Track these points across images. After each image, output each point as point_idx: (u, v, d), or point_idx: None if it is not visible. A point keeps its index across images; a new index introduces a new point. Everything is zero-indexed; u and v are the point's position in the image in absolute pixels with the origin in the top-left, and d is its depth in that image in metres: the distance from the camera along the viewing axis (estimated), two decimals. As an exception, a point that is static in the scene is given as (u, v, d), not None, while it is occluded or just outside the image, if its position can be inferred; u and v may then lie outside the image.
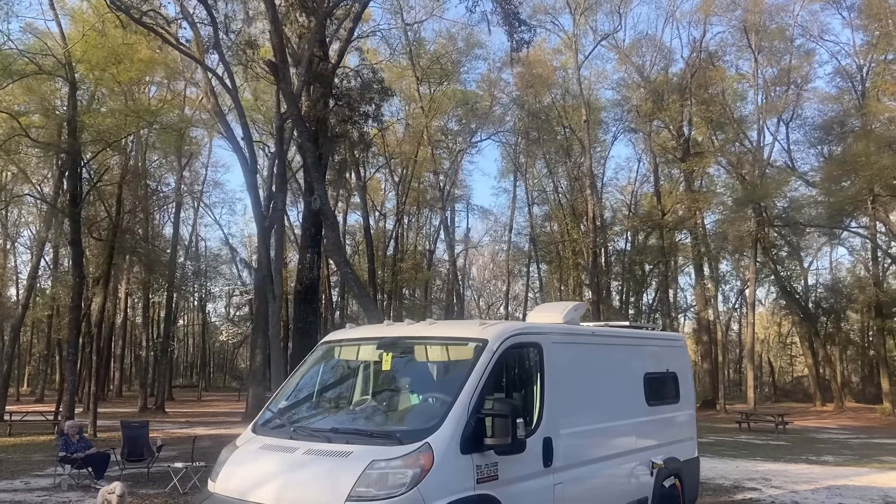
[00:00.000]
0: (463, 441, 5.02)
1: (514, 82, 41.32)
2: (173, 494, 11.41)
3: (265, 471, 5.28)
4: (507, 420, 5.02)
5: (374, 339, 6.27)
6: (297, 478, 5.03)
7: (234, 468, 5.53)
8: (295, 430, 5.62)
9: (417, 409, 5.59)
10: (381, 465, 4.80)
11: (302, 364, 6.65)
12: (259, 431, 5.91)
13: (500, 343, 5.55)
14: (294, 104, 13.51)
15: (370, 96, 17.44)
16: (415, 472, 4.75)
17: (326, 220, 12.55)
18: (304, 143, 13.10)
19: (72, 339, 20.20)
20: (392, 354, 5.97)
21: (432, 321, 6.18)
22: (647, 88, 37.96)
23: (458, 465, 4.98)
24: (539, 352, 5.92)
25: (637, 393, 7.22)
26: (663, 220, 39.65)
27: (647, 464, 7.06)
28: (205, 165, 44.11)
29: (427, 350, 5.95)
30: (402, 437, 5.03)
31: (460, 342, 5.76)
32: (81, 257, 20.87)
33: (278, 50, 13.43)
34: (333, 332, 6.96)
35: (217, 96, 29.85)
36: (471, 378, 5.26)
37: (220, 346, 68.16)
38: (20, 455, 17.21)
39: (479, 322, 5.93)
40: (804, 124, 38.75)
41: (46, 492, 11.73)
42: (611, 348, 7.09)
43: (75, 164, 20.62)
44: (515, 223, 53.97)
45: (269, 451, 5.45)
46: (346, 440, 5.17)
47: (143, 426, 13.83)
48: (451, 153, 44.43)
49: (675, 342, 8.45)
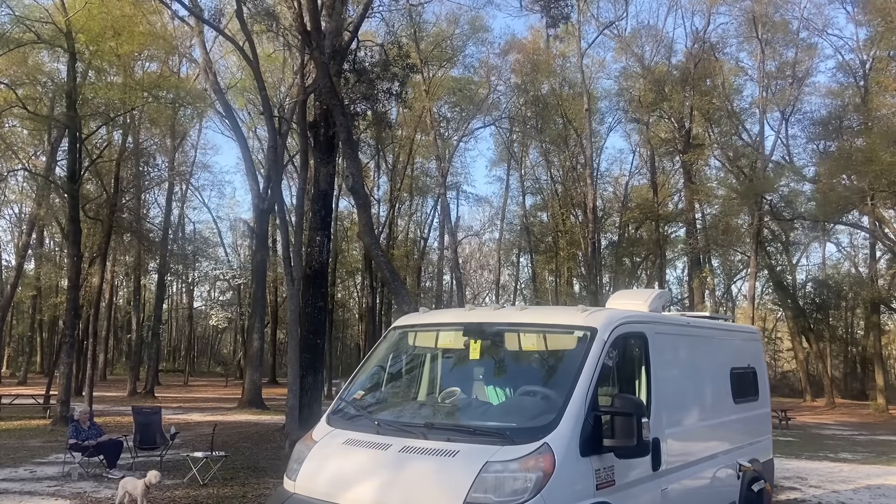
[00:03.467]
0: (582, 442, 4.51)
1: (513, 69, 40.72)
2: (193, 485, 10.82)
3: (356, 469, 4.74)
4: (631, 419, 4.51)
5: (456, 324, 5.72)
6: (398, 479, 4.50)
7: (318, 465, 4.99)
8: (380, 424, 5.07)
9: (522, 403, 5.06)
10: (498, 468, 4.28)
11: (373, 351, 6.09)
12: (336, 424, 5.36)
13: (611, 332, 5.03)
14: (327, 75, 12.80)
15: (393, 72, 16.71)
16: (537, 477, 4.24)
17: (359, 199, 11.93)
18: (337, 118, 12.43)
19: (69, 321, 19.41)
20: (481, 342, 5.43)
21: (522, 306, 5.64)
22: (648, 78, 37.55)
23: (579, 468, 4.47)
24: (644, 343, 5.43)
25: (725, 389, 6.77)
26: (663, 212, 39.38)
27: (734, 466, 6.61)
28: (194, 146, 43.25)
29: (520, 338, 5.42)
30: (512, 435, 4.51)
31: (563, 330, 5.23)
32: (80, 235, 20.07)
33: (312, 16, 12.67)
34: (404, 317, 6.38)
35: (216, 74, 29.07)
36: (584, 370, 4.74)
37: (202, 332, 67.16)
38: (16, 440, 16.52)
39: (579, 308, 5.38)
40: (803, 119, 38.68)
41: (56, 481, 11.10)
42: (703, 341, 6.63)
43: (74, 139, 19.76)
44: (508, 212, 53.72)
45: (357, 446, 4.90)
46: (446, 437, 4.65)
47: (155, 412, 13.20)
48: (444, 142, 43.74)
49: (753, 335, 8.01)
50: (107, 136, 22.76)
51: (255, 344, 27.93)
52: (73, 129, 19.72)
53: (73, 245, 19.44)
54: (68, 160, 20.28)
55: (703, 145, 38.20)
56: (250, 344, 29.17)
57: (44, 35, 19.45)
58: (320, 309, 18.73)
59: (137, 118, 26.88)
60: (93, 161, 21.59)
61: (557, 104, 40.37)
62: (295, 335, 13.37)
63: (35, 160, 33.95)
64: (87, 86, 19.37)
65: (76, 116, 19.40)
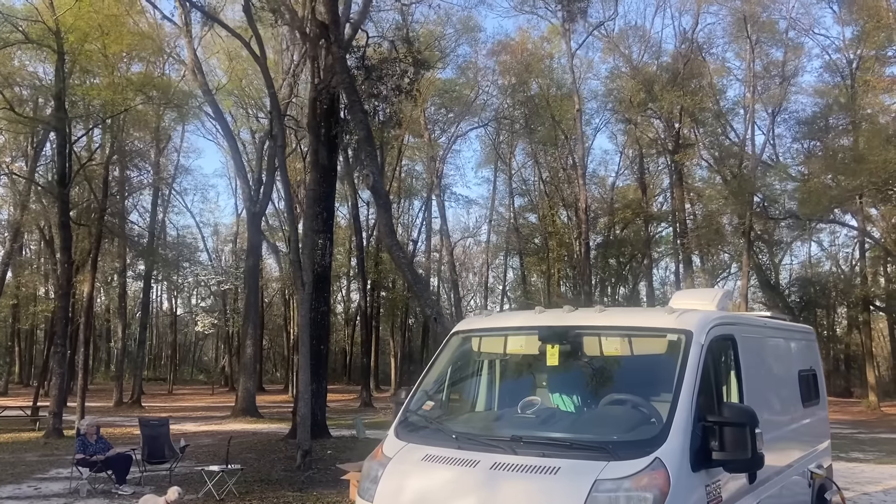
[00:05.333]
0: (693, 456, 4.15)
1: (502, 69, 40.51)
2: (209, 500, 10.34)
3: (443, 489, 4.34)
4: (744, 430, 4.15)
5: (529, 328, 5.33)
6: (494, 499, 4.12)
7: (397, 484, 4.58)
8: (459, 438, 4.68)
9: (615, 414, 4.67)
10: (610, 487, 3.90)
11: (435, 358, 5.67)
12: (408, 438, 4.94)
13: (706, 335, 4.69)
14: (346, 70, 12.36)
15: (403, 69, 16.28)
16: (654, 496, 3.87)
17: (380, 199, 11.50)
18: (355, 114, 11.99)
19: (61, 330, 18.74)
20: (559, 347, 5.05)
21: (601, 308, 5.29)
22: (638, 78, 37.52)
23: (691, 485, 4.11)
24: (734, 346, 5.09)
25: (796, 393, 6.47)
26: (653, 212, 39.36)
27: (804, 474, 6.31)
28: (177, 150, 42.49)
29: (601, 342, 5.05)
30: (615, 449, 4.14)
31: (652, 333, 4.88)
32: (70, 241, 19.38)
33: (329, 8, 12.21)
34: (464, 321, 5.98)
35: (204, 74, 28.47)
36: (686, 377, 4.38)
37: (183, 339, 66.08)
38: (10, 455, 15.86)
39: (665, 309, 5.03)
40: (789, 119, 38.89)
41: (63, 498, 10.57)
42: (779, 342, 6.33)
43: (63, 142, 19.10)
44: (495, 214, 53.49)
45: (439, 463, 4.50)
46: (539, 452, 4.26)
47: (163, 424, 12.67)
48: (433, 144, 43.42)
49: (810, 335, 7.73)
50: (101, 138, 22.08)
51: (248, 351, 27.32)
52: (63, 131, 19.06)
53: (63, 251, 18.77)
54: (57, 163, 19.59)
55: (692, 145, 38.24)
56: (243, 351, 28.56)
57: (32, 35, 18.78)
58: (324, 314, 18.34)
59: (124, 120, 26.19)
60: (83, 165, 20.90)
61: (546, 105, 40.20)
62: (307, 341, 12.92)
63: (13, 165, 33.13)
64: (78, 87, 18.73)
65: (66, 118, 18.76)
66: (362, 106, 13.04)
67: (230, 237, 60.83)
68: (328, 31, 12.71)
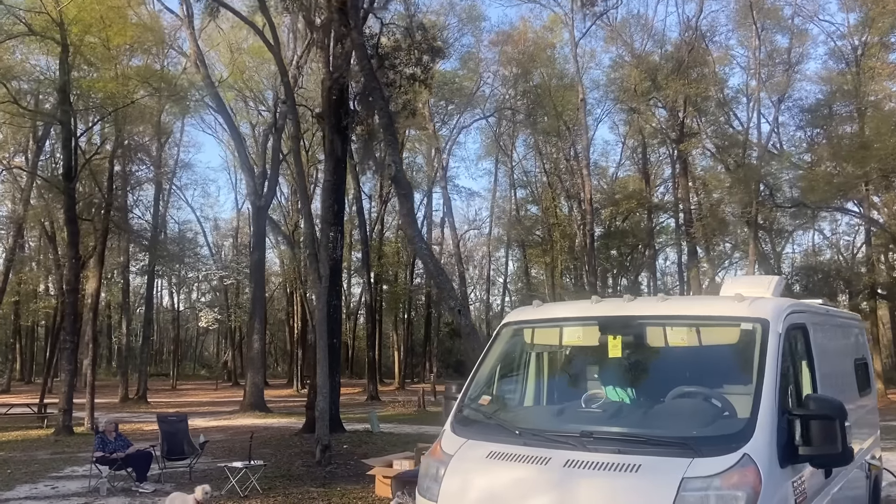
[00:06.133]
0: (780, 451, 3.95)
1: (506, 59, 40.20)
2: (233, 497, 10.15)
3: (514, 488, 4.13)
4: (833, 423, 3.95)
5: (588, 319, 5.11)
6: (572, 500, 3.92)
7: (462, 483, 4.37)
8: (523, 434, 4.47)
9: (691, 408, 4.44)
10: (699, 486, 3.68)
11: (487, 351, 5.44)
12: (467, 434, 4.72)
13: (782, 323, 4.47)
14: (366, 56, 12.07)
15: (418, 56, 15.96)
16: (746, 495, 3.65)
17: (401, 189, 11.24)
18: (376, 102, 11.71)
19: (70, 325, 18.48)
20: (622, 338, 4.84)
21: (663, 297, 5.07)
22: (641, 67, 37.24)
23: (780, 482, 3.90)
24: (805, 335, 4.88)
25: (853, 382, 6.29)
26: (660, 202, 39.18)
27: (862, 465, 6.12)
28: (177, 144, 42.15)
29: (666, 332, 4.84)
30: (697, 445, 3.92)
31: (724, 322, 4.65)
32: (77, 236, 19.11)
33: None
34: (514, 312, 5.73)
35: (207, 66, 28.17)
36: (767, 368, 4.17)
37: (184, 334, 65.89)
38: (21, 453, 15.64)
39: (734, 297, 4.77)
40: (793, 106, 38.66)
41: (83, 498, 10.37)
42: (839, 331, 6.15)
43: (69, 136, 18.81)
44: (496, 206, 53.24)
45: (507, 461, 4.29)
46: (615, 449, 4.05)
47: (181, 420, 12.46)
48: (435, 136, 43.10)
49: (861, 324, 7.55)
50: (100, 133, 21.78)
51: (255, 345, 27.11)
52: (68, 124, 18.77)
53: (71, 246, 18.51)
54: (63, 157, 19.27)
55: (697, 134, 38.02)
56: (250, 345, 28.34)
57: (35, 26, 18.47)
58: (336, 308, 18.12)
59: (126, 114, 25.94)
60: (88, 159, 20.60)
61: (549, 95, 39.92)
62: (324, 335, 12.71)
63: (13, 160, 32.77)
64: (82, 80, 18.42)
65: (71, 111, 18.47)
66: (383, 93, 12.77)
67: (230, 232, 60.59)
68: (347, 16, 12.41)
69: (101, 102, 18.97)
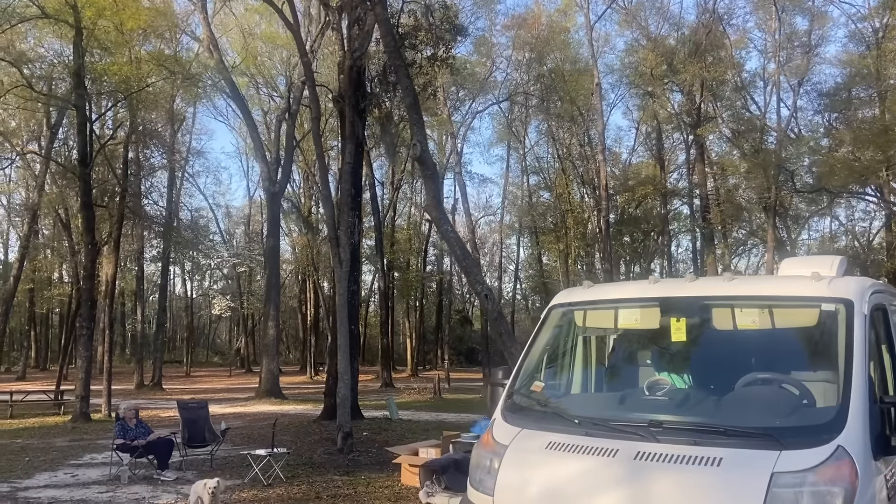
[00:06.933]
0: (873, 442, 3.63)
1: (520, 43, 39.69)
2: (257, 486, 9.93)
3: (579, 481, 3.83)
4: None
5: (647, 300, 4.78)
6: (648, 496, 3.61)
7: (521, 477, 4.09)
8: (583, 423, 4.17)
9: (768, 396, 4.12)
10: (791, 481, 3.38)
11: (536, 334, 5.12)
12: (521, 423, 4.42)
13: (867, 304, 4.13)
14: (391, 33, 11.70)
15: (439, 36, 15.56)
16: (845, 490, 3.34)
17: (427, 170, 10.90)
18: (401, 80, 11.35)
19: (86, 312, 18.33)
20: (686, 320, 4.51)
21: (730, 276, 4.75)
22: (658, 51, 36.68)
23: (874, 475, 3.59)
24: (886, 317, 4.55)
25: None
26: (677, 188, 38.72)
27: None
28: (188, 132, 41.94)
29: (734, 314, 4.53)
30: (782, 436, 3.61)
31: (801, 303, 4.31)
32: (93, 222, 18.91)
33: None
34: (563, 293, 5.38)
35: (220, 51, 27.87)
36: (856, 353, 3.84)
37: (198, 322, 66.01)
38: (39, 440, 15.51)
39: (810, 276, 4.34)
40: (812, 90, 38.03)
41: (105, 486, 10.18)
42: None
43: (84, 121, 18.58)
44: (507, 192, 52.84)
45: (568, 452, 3.99)
46: (691, 440, 3.73)
47: (202, 407, 12.27)
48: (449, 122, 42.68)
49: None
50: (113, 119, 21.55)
51: (270, 332, 26.96)
52: (83, 109, 18.54)
53: (87, 232, 18.30)
54: (78, 143, 19.07)
55: (714, 118, 37.49)
56: (265, 332, 28.20)
57: (48, 9, 18.21)
58: (353, 293, 17.90)
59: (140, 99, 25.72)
60: (103, 144, 20.39)
61: (563, 79, 39.41)
62: (345, 321, 12.46)
63: (26, 147, 32.61)
64: (97, 64, 18.17)
65: (86, 95, 18.22)
66: (408, 71, 12.41)
67: (242, 219, 60.45)
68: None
69: (116, 87, 18.70)
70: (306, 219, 39.52)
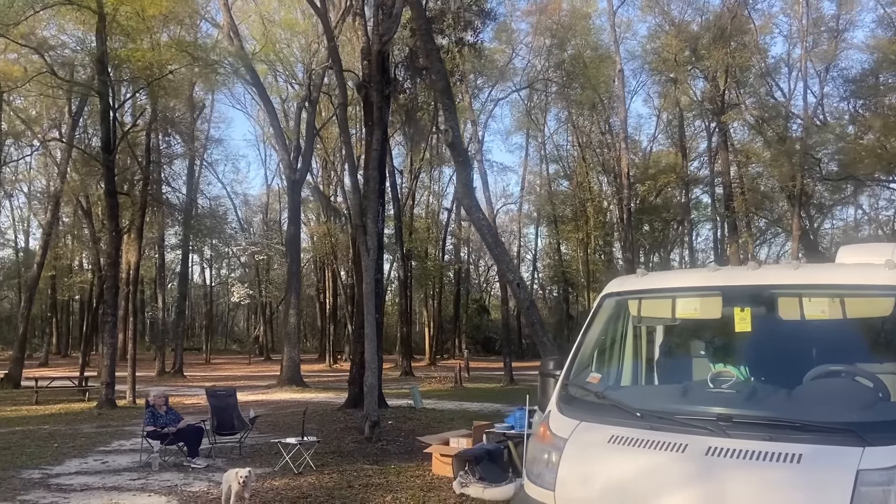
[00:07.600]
0: None
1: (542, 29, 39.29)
2: (288, 474, 9.86)
3: (647, 478, 3.67)
4: None
5: (708, 289, 4.58)
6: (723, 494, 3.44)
7: (582, 471, 3.94)
8: (646, 417, 4.01)
9: (842, 389, 3.90)
10: (878, 479, 3.20)
11: (589, 324, 4.96)
12: (579, 416, 4.26)
13: None
14: (423, 15, 11.55)
15: (467, 20, 15.34)
16: None
17: (458, 157, 10.74)
18: (433, 64, 11.16)
19: (111, 299, 18.37)
20: (751, 310, 4.32)
21: (796, 263, 4.57)
22: (681, 37, 36.15)
23: None
24: None
25: None
26: (700, 176, 38.29)
27: None
28: (207, 120, 41.91)
29: (802, 303, 4.33)
30: (864, 432, 3.43)
31: (876, 292, 4.12)
32: (117, 209, 18.93)
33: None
34: (616, 281, 5.21)
35: (241, 38, 27.76)
36: None
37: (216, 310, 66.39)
38: (66, 426, 15.57)
39: (887, 264, 4.11)
40: (837, 77, 37.38)
41: (136, 473, 10.14)
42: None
43: (107, 108, 18.55)
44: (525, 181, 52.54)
45: (633, 447, 3.83)
46: (765, 435, 3.56)
47: (230, 394, 12.22)
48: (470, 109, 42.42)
49: None
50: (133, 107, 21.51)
51: (291, 320, 26.98)
52: (106, 96, 18.51)
53: (111, 219, 18.33)
54: (101, 130, 19.06)
55: (737, 105, 36.94)
56: (286, 320, 28.22)
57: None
58: (378, 282, 17.69)
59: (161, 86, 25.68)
60: (126, 131, 20.39)
61: (584, 66, 38.98)
62: (372, 309, 12.36)
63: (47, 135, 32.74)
64: (121, 50, 18.12)
65: (109, 82, 18.18)
66: (439, 54, 12.21)
67: (260, 208, 60.58)
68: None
69: (139, 73, 18.65)
70: (330, 204, 39.41)
